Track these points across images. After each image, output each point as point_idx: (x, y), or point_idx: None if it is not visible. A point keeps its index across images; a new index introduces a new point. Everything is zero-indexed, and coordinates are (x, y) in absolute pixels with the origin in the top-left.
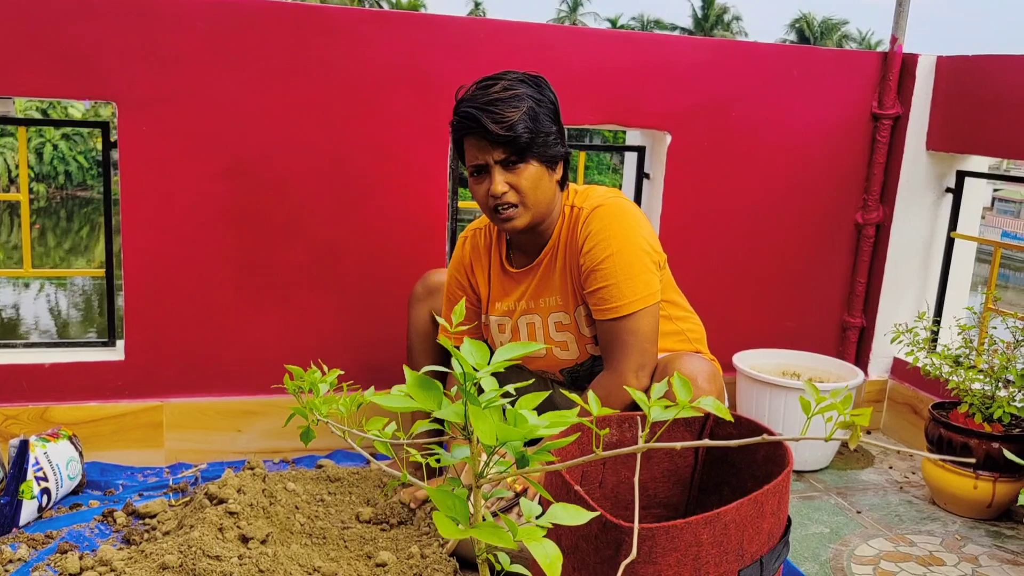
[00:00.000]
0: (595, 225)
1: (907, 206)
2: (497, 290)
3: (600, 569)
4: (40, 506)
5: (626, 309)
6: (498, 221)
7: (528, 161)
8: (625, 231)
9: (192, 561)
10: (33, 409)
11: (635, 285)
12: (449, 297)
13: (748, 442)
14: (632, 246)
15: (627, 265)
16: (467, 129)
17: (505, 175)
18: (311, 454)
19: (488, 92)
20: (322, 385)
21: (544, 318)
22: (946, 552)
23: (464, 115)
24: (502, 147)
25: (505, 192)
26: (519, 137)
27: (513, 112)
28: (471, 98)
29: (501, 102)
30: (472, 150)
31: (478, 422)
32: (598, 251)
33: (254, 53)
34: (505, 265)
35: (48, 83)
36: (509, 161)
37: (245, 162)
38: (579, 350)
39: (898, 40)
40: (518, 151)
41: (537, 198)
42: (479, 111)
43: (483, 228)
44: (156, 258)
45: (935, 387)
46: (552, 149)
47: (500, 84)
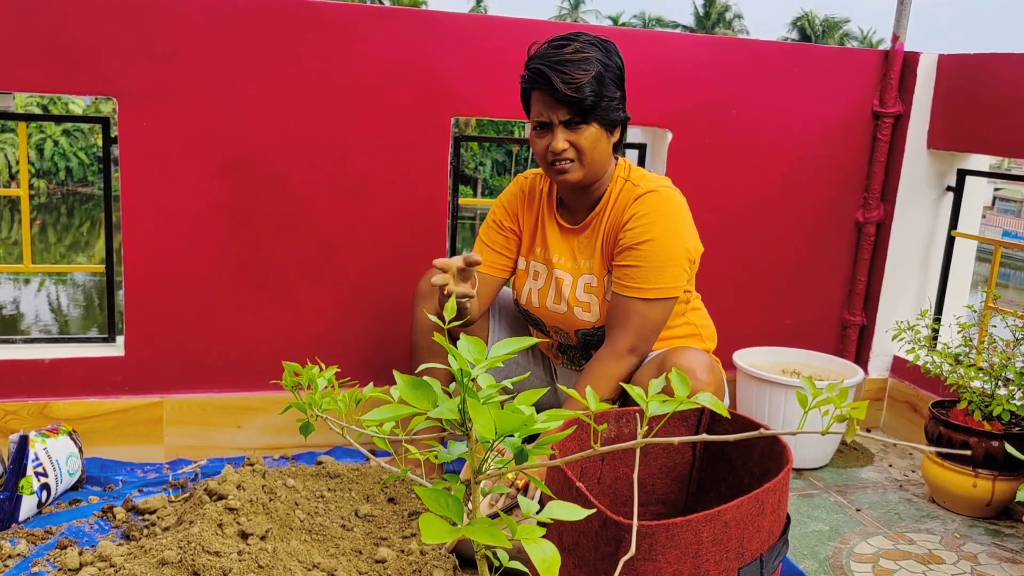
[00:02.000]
0: (644, 208)
1: (908, 204)
2: (541, 237)
3: (600, 566)
4: (40, 501)
5: (646, 293)
6: (553, 174)
7: (590, 123)
8: (669, 223)
9: (191, 557)
10: (33, 404)
11: (663, 276)
12: (492, 224)
13: (747, 436)
14: (672, 239)
15: (661, 255)
16: (536, 84)
17: (567, 133)
18: (311, 450)
19: (560, 52)
20: (320, 380)
21: (575, 278)
22: (945, 550)
23: (535, 71)
24: (567, 107)
25: (565, 149)
26: (584, 99)
27: (582, 75)
28: (543, 55)
29: (571, 63)
30: (538, 106)
31: (477, 415)
32: (639, 232)
33: (254, 48)
34: (556, 216)
35: (48, 78)
36: (572, 121)
37: (245, 158)
38: (600, 314)
39: (899, 38)
40: (582, 112)
41: (594, 158)
42: (550, 69)
43: (542, 174)
44: (156, 254)
45: (935, 385)
46: (613, 113)
47: (572, 46)
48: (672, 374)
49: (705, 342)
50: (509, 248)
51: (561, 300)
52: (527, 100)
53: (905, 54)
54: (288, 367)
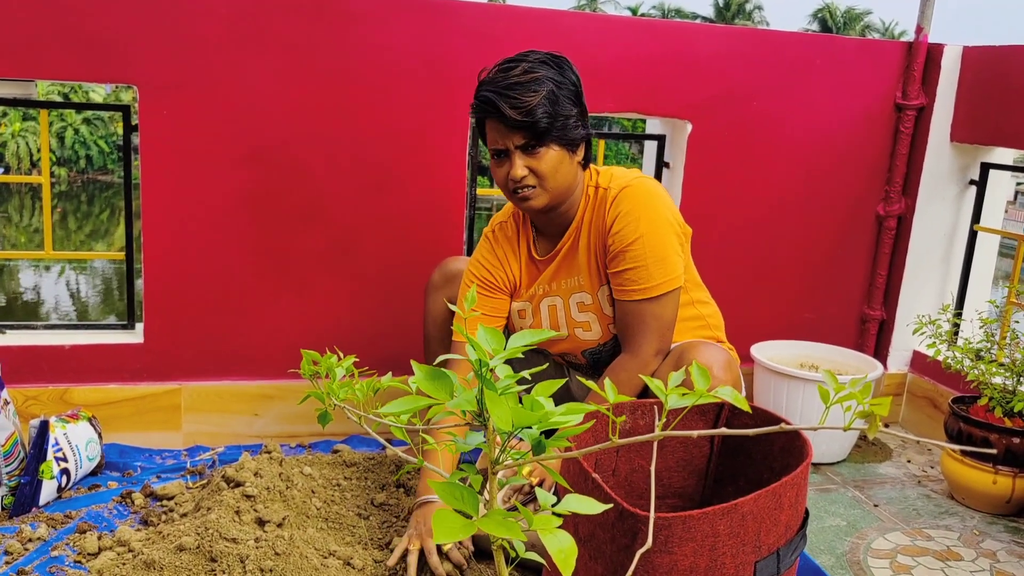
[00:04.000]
0: (624, 206)
1: (930, 198)
2: (524, 278)
3: (616, 558)
4: (59, 486)
5: (653, 291)
6: (517, 202)
7: (548, 145)
8: (652, 213)
9: (209, 543)
10: (53, 390)
11: (663, 268)
12: (466, 287)
13: (767, 431)
14: (660, 228)
15: (655, 247)
16: (486, 113)
17: (525, 159)
18: (327, 439)
19: (508, 75)
20: (338, 370)
21: (565, 299)
22: (964, 547)
23: (483, 99)
24: (521, 132)
25: (524, 176)
26: (537, 122)
27: (532, 96)
28: (491, 81)
29: (520, 86)
30: (492, 134)
31: (494, 407)
32: (627, 233)
33: (275, 39)
34: (533, 253)
35: (70, 66)
36: (528, 145)
37: (264, 148)
38: (602, 330)
39: (924, 30)
40: (537, 135)
41: (557, 181)
42: (497, 96)
43: (507, 220)
44: (176, 242)
45: (955, 381)
46: (572, 132)
47: (520, 67)
48: (692, 368)
49: (712, 330)
50: (498, 307)
51: (559, 326)
52: (482, 129)
53: (929, 46)
54: (307, 355)
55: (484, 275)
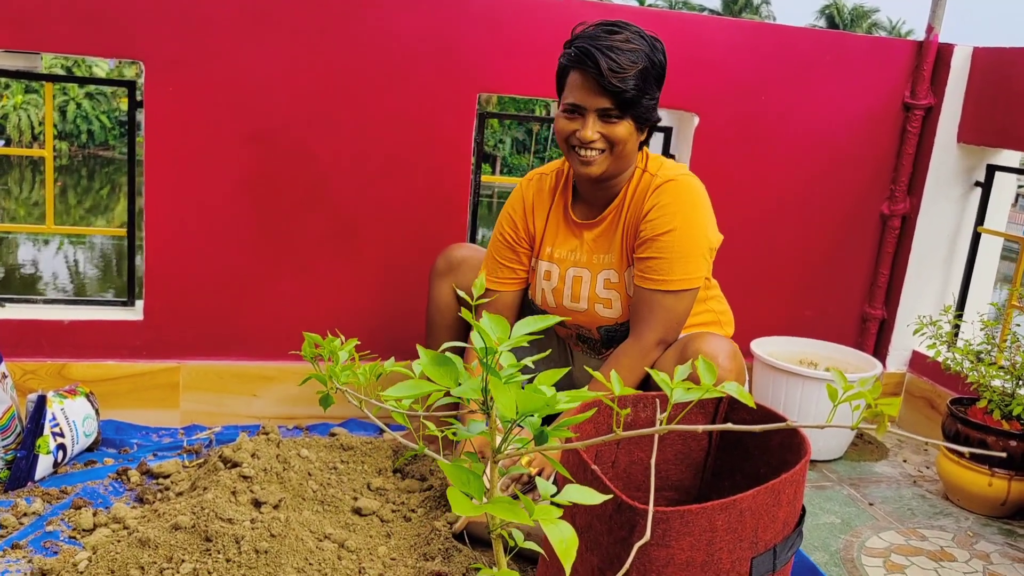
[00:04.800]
0: (664, 198)
1: (934, 198)
2: (552, 235)
3: (613, 549)
4: (56, 461)
5: (670, 285)
6: (575, 161)
7: (626, 117)
8: (690, 212)
9: (204, 523)
10: (51, 365)
11: (686, 266)
12: (499, 239)
13: (771, 428)
14: (693, 228)
15: (683, 245)
16: (580, 64)
17: (599, 124)
18: (325, 422)
19: (610, 37)
20: (341, 353)
21: (594, 274)
22: (957, 548)
23: (582, 50)
24: (608, 97)
25: (594, 140)
26: (626, 92)
27: (630, 67)
28: (592, 36)
29: (621, 52)
30: (575, 89)
31: (498, 394)
32: (660, 223)
33: (282, 20)
34: (570, 212)
35: (76, 40)
36: (609, 112)
37: (269, 129)
38: (622, 309)
39: (934, 29)
40: (620, 105)
41: (620, 155)
42: (599, 52)
43: (549, 173)
44: (178, 220)
45: (953, 382)
46: (649, 112)
47: (624, 34)
48: (699, 362)
49: (724, 328)
50: (519, 260)
51: (580, 298)
52: (563, 78)
53: (939, 46)
54: (309, 338)
55: (511, 227)
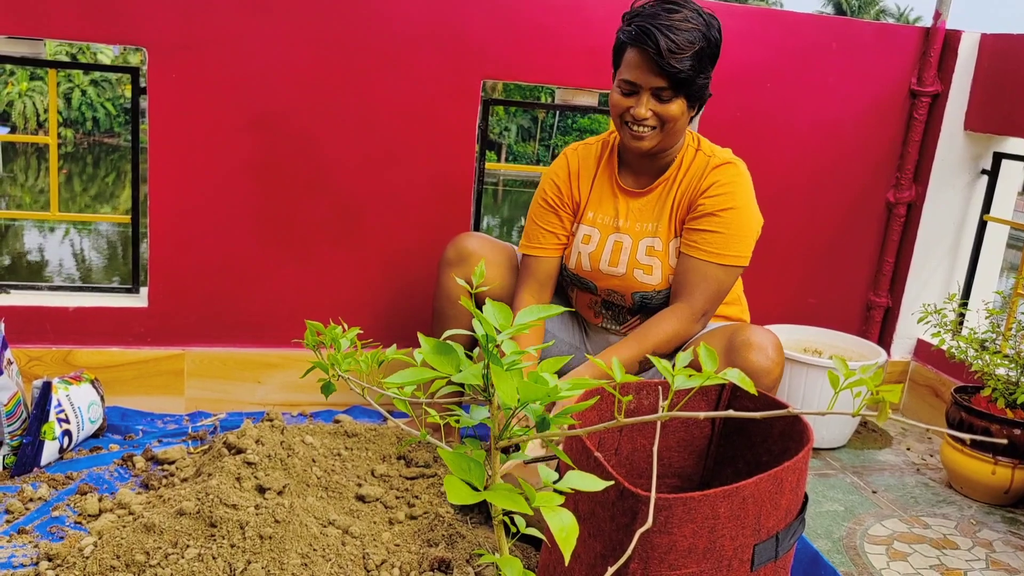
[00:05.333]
0: (724, 177)
1: (940, 186)
2: (596, 201)
3: (615, 536)
4: (61, 447)
5: (724, 260)
6: (627, 136)
7: (679, 96)
8: (748, 194)
9: (209, 509)
10: (56, 351)
11: (740, 245)
12: (542, 204)
13: (772, 415)
14: (750, 212)
15: (742, 225)
16: (639, 42)
17: (653, 103)
18: (329, 408)
19: (670, 17)
20: (343, 340)
21: (635, 241)
22: (960, 536)
23: (642, 29)
24: (663, 77)
25: (647, 118)
26: (681, 72)
27: (687, 47)
28: (651, 15)
29: (680, 32)
30: (632, 67)
31: (500, 382)
32: (723, 200)
33: (285, 5)
34: (616, 179)
35: (80, 26)
36: (663, 91)
37: (273, 115)
38: (662, 277)
39: (941, 15)
40: (675, 86)
41: (672, 130)
42: (658, 32)
43: (595, 143)
44: (182, 207)
45: (958, 370)
46: (702, 91)
47: (683, 13)
48: (700, 349)
49: (744, 311)
50: (563, 225)
51: (619, 263)
52: (619, 54)
53: (947, 32)
54: (311, 326)
55: (554, 192)
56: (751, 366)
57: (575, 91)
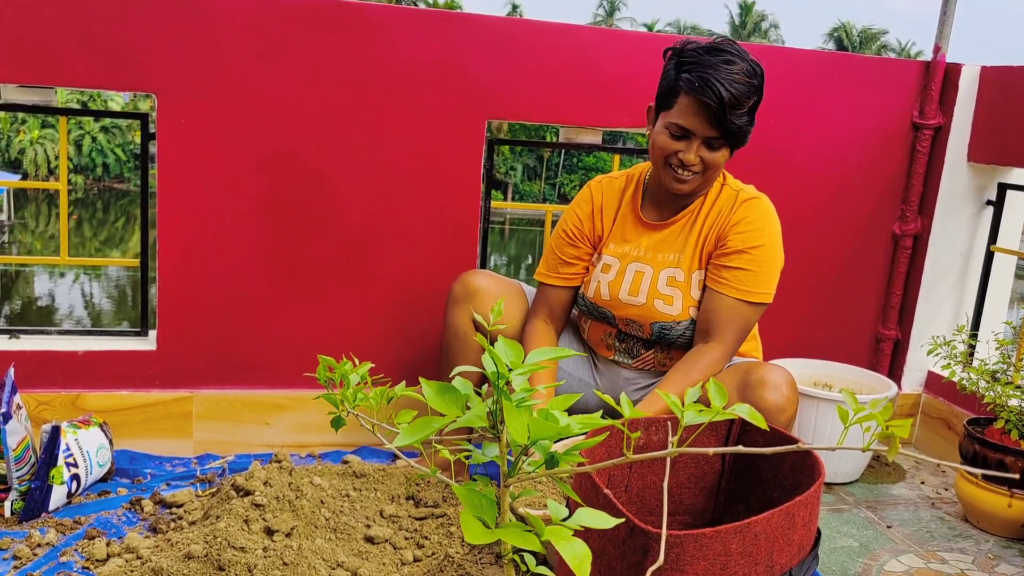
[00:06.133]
0: (753, 213)
1: (946, 218)
2: (618, 233)
3: (626, 574)
4: (69, 492)
5: (753, 297)
6: (670, 178)
7: (727, 145)
8: (775, 233)
9: (217, 552)
10: (65, 396)
11: (769, 282)
12: (563, 236)
13: (782, 450)
14: (778, 249)
15: (770, 262)
16: (700, 93)
17: (703, 150)
18: (338, 449)
19: (731, 71)
20: (352, 376)
21: (657, 270)
22: (978, 571)
23: (704, 81)
24: (718, 129)
25: (695, 164)
26: (739, 129)
27: (746, 103)
28: (711, 65)
29: (740, 87)
30: (688, 114)
31: (511, 419)
32: (752, 237)
33: (292, 48)
34: (639, 213)
35: (89, 74)
36: (714, 141)
37: (281, 157)
38: (683, 308)
39: (941, 49)
40: (726, 137)
41: (713, 175)
42: (721, 86)
43: (619, 177)
44: (190, 250)
45: (970, 402)
46: (746, 139)
47: (739, 66)
48: (710, 385)
49: (758, 347)
50: (582, 257)
51: (639, 292)
52: (671, 96)
53: (947, 65)
54: (323, 361)
55: (576, 224)
56: (766, 404)
57: (579, 129)
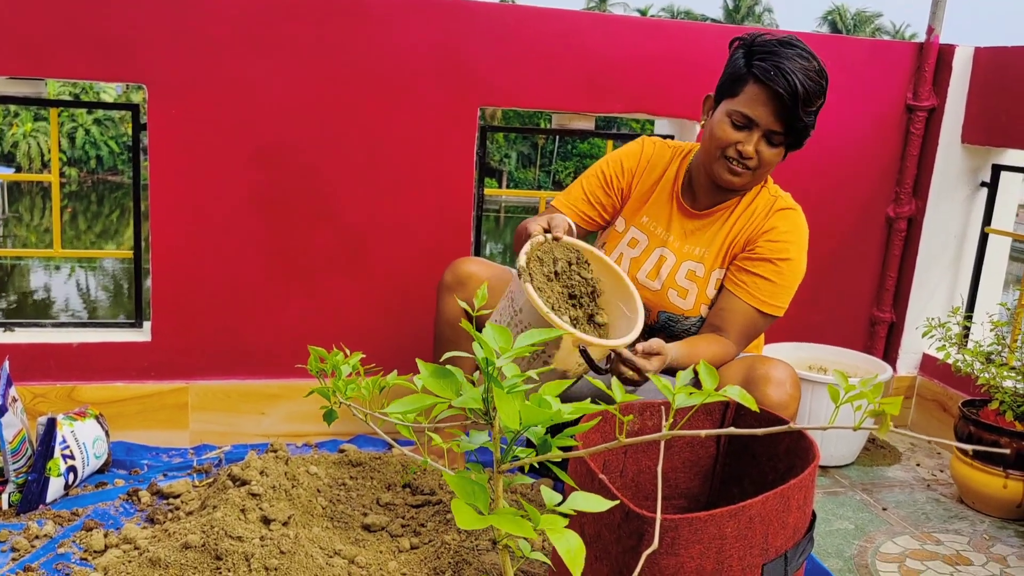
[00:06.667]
0: (786, 224)
1: (940, 200)
2: (653, 205)
3: (621, 559)
4: (66, 484)
5: (766, 308)
6: (723, 169)
7: (783, 145)
8: (803, 247)
9: (214, 541)
10: (61, 388)
11: (786, 295)
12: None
13: (774, 431)
14: (801, 264)
15: (793, 276)
16: (774, 84)
17: (762, 144)
18: (334, 438)
19: (807, 67)
20: (344, 367)
21: (679, 261)
22: (974, 552)
23: (780, 70)
24: (785, 123)
25: (752, 157)
26: (804, 124)
27: (816, 101)
28: (790, 59)
29: (813, 85)
30: (756, 103)
31: (502, 405)
32: (781, 248)
33: (286, 39)
34: (678, 195)
35: (80, 65)
36: (777, 136)
37: (274, 148)
38: (695, 304)
39: (935, 31)
40: (789, 133)
41: (763, 175)
42: (797, 80)
43: (672, 147)
44: (184, 241)
45: (965, 384)
46: (802, 143)
47: (813, 65)
48: (700, 366)
49: (760, 342)
50: (606, 207)
51: (657, 277)
52: (737, 84)
53: (940, 47)
54: (314, 352)
55: (618, 172)
56: (769, 400)
57: (572, 116)
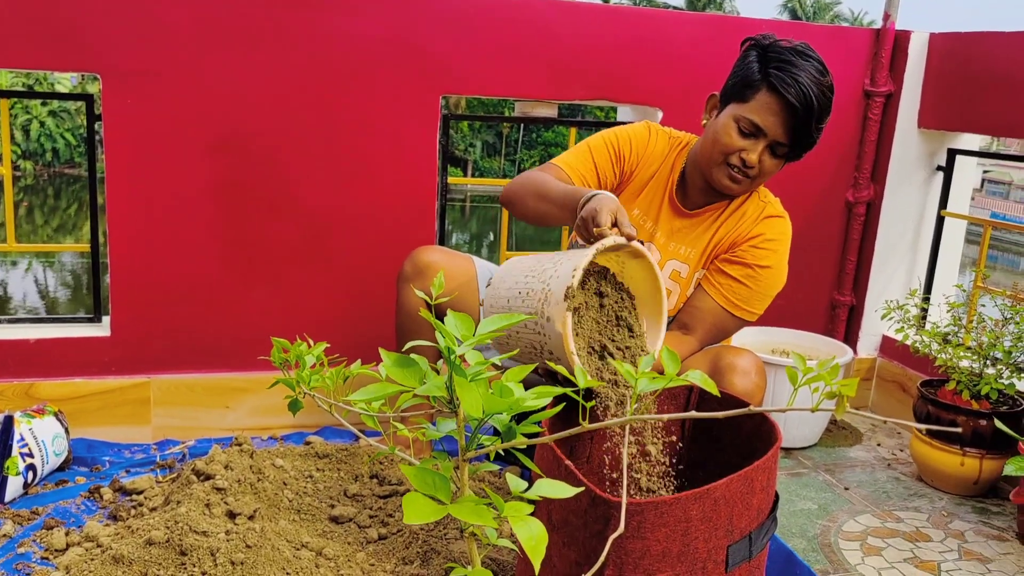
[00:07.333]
0: (772, 232)
1: (898, 184)
2: (645, 200)
3: (589, 544)
4: (26, 482)
5: (738, 312)
6: (723, 175)
7: (787, 156)
8: (785, 257)
9: (179, 537)
10: (18, 385)
11: (760, 303)
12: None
13: (735, 413)
14: (781, 274)
15: (771, 285)
16: (787, 93)
17: (765, 154)
18: (300, 431)
19: (822, 82)
20: (308, 357)
21: (664, 259)
22: (933, 528)
23: (799, 85)
24: (792, 136)
25: (754, 166)
26: (809, 142)
27: (825, 118)
28: (807, 72)
29: (825, 101)
30: (767, 112)
31: (464, 394)
32: (762, 255)
33: (242, 26)
34: (672, 189)
35: (32, 54)
36: (781, 148)
37: (233, 137)
38: (674, 305)
39: (891, 17)
40: (794, 146)
41: (760, 183)
42: (816, 98)
43: (675, 138)
44: (142, 234)
45: (924, 365)
46: (801, 156)
47: (827, 80)
48: (663, 352)
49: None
50: (607, 182)
51: None
52: (748, 89)
53: (896, 33)
54: (277, 343)
55: (626, 146)
56: (735, 390)
57: (534, 103)
